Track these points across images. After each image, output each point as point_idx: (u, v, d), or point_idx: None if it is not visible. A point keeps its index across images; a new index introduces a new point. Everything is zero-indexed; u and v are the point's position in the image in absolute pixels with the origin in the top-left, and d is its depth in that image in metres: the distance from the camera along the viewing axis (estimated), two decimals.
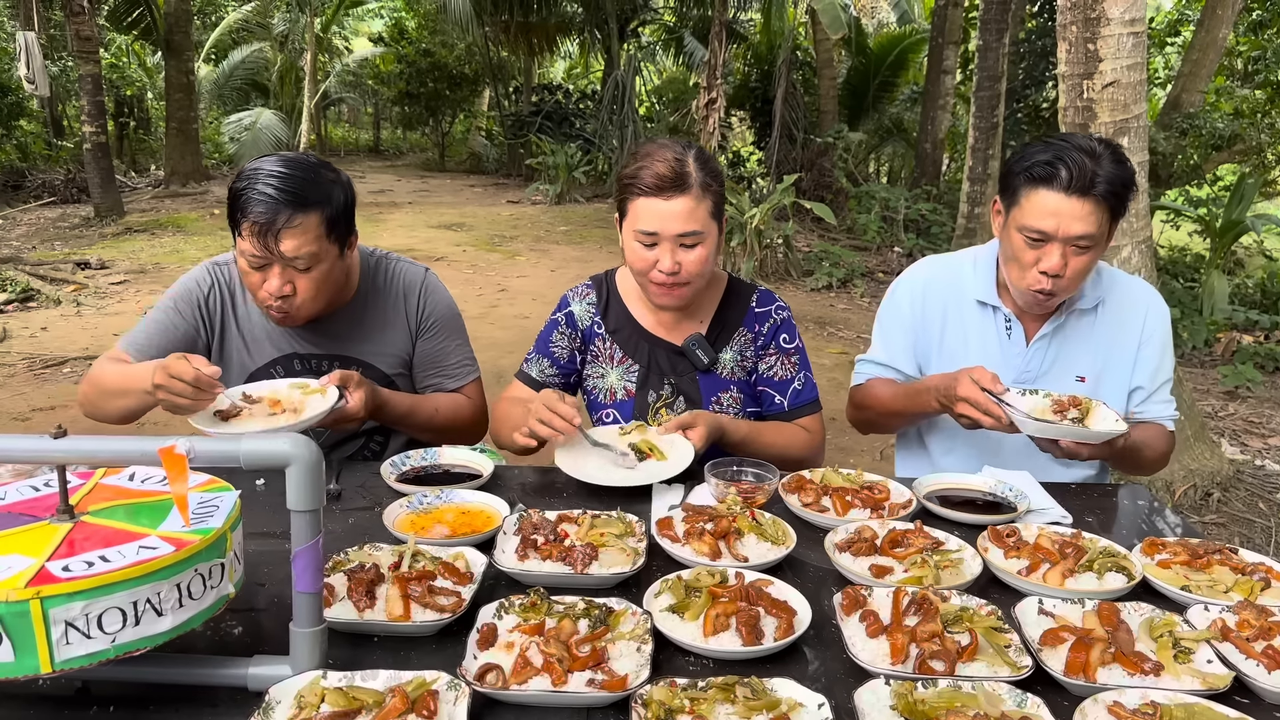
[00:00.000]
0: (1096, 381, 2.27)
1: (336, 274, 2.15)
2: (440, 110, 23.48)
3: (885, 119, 17.19)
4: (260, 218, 1.97)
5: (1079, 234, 2.01)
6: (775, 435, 2.22)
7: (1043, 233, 2.03)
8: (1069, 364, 2.28)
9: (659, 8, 20.12)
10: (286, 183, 1.99)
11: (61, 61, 17.10)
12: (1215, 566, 1.61)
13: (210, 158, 18.99)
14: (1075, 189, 1.98)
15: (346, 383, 2.04)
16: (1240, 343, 7.65)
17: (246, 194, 1.99)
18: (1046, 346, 2.27)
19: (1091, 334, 2.28)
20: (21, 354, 6.73)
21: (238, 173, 2.07)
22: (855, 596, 1.45)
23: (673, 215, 2.02)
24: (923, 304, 2.36)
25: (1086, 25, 4.24)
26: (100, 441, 1.18)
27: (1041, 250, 2.06)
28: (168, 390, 1.86)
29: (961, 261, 2.40)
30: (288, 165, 2.03)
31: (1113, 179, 1.98)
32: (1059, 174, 1.99)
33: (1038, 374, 2.27)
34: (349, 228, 2.14)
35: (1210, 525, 4.45)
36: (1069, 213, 2.00)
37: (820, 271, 10.29)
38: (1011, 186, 2.10)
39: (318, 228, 2.03)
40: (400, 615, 1.38)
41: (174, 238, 11.85)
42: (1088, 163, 1.98)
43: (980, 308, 2.32)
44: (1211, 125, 10.60)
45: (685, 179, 2.02)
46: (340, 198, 2.09)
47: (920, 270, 2.44)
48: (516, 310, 8.38)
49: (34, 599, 1.04)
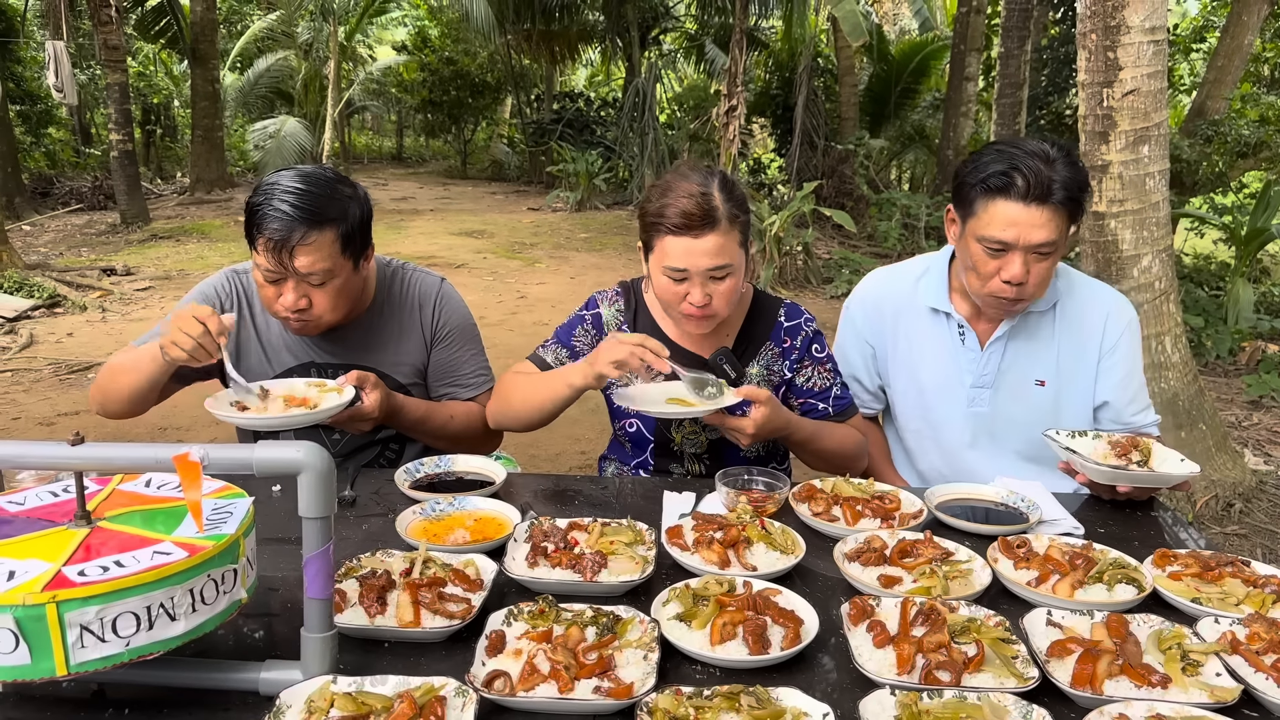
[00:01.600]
0: (1057, 388, 2.27)
1: (352, 286, 2.17)
2: (462, 118, 23.62)
3: (907, 126, 17.13)
4: (275, 234, 1.99)
5: (1039, 242, 2.01)
6: (833, 433, 2.24)
7: (1003, 243, 2.03)
8: (1027, 367, 2.28)
9: (680, 16, 20.17)
10: (302, 199, 2.01)
11: (90, 70, 17.35)
12: (1227, 579, 1.60)
13: (235, 165, 19.17)
14: (1033, 197, 1.97)
15: (363, 383, 2.08)
16: (1265, 352, 7.56)
17: (263, 209, 2.01)
18: (1002, 349, 2.27)
19: (1050, 336, 2.27)
20: (48, 359, 6.82)
21: (255, 186, 2.09)
22: (863, 606, 1.45)
23: (703, 252, 2.00)
24: (877, 316, 2.38)
25: (1106, 33, 4.22)
26: (117, 448, 1.20)
27: (1002, 260, 2.06)
28: (177, 327, 1.91)
29: (910, 270, 2.41)
30: (304, 181, 2.05)
31: (1069, 184, 1.98)
32: (1015, 183, 1.98)
33: (995, 378, 2.27)
34: (365, 241, 2.16)
35: (1232, 536, 4.40)
36: (1028, 221, 1.99)
37: (840, 279, 10.26)
38: (966, 197, 2.09)
39: (332, 244, 2.05)
40: (410, 621, 1.39)
41: (198, 244, 11.99)
42: (1043, 169, 1.97)
43: (933, 315, 2.33)
44: (1237, 132, 10.49)
45: (713, 214, 1.99)
46: (356, 213, 2.10)
47: (869, 284, 2.46)
48: (535, 317, 8.41)
49: (50, 603, 1.07)
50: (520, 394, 2.18)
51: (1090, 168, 4.31)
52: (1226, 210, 10.30)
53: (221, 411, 1.94)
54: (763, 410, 2.00)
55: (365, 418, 2.10)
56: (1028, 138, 2.07)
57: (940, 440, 2.38)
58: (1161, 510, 2.07)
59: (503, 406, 2.24)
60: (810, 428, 2.20)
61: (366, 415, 2.09)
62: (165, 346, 1.95)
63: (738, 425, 2.03)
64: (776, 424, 2.06)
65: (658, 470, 2.34)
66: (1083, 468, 1.93)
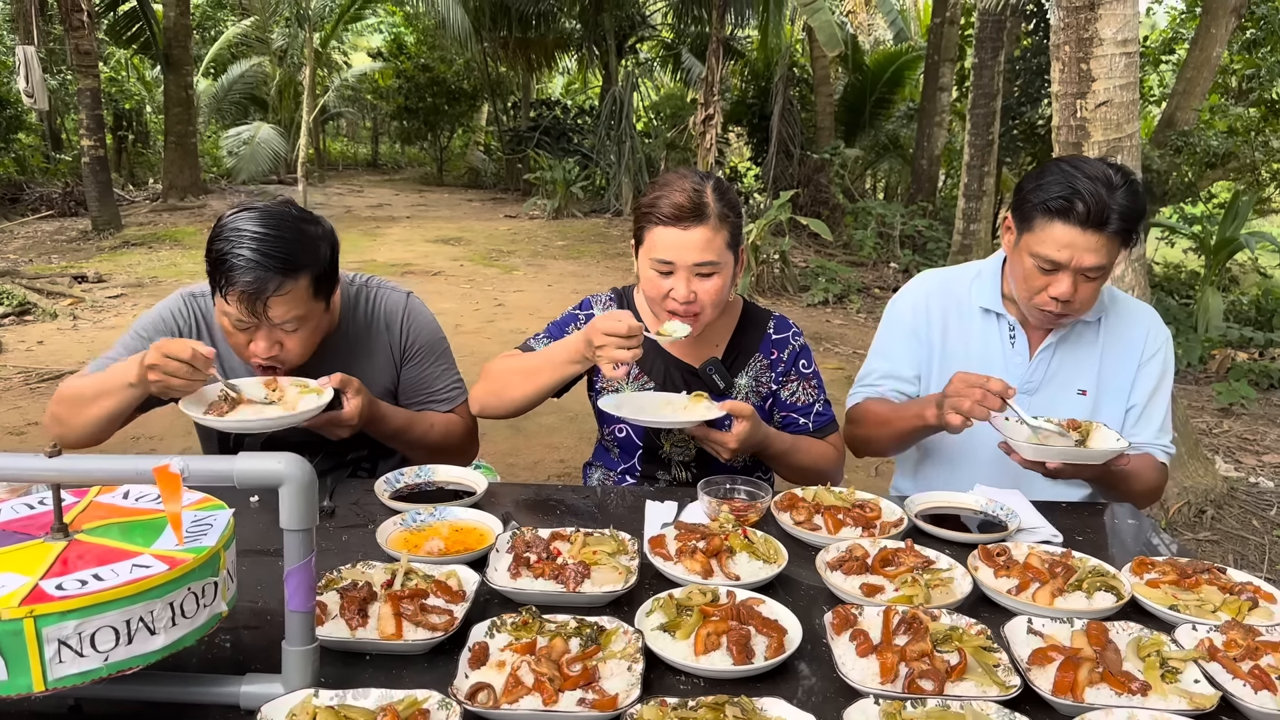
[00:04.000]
0: (1096, 397, 2.29)
1: (324, 325, 2.13)
2: (438, 125, 23.54)
3: (881, 135, 17.26)
4: (248, 287, 1.90)
5: (1090, 265, 2.04)
6: (810, 449, 2.27)
7: (1055, 263, 2.06)
8: (1071, 377, 2.30)
9: (657, 24, 20.22)
10: (274, 247, 1.91)
11: (60, 75, 17.15)
12: (1204, 586, 1.62)
13: (209, 172, 19.02)
14: (1091, 224, 2.00)
15: (345, 387, 2.03)
16: (1235, 360, 7.67)
17: (230, 260, 1.90)
18: (1050, 357, 2.29)
19: (1094, 347, 2.30)
20: (17, 367, 6.73)
21: (216, 228, 1.97)
22: (846, 615, 1.46)
23: (689, 245, 2.04)
24: (926, 312, 2.38)
25: (1079, 45, 4.27)
26: (95, 460, 1.19)
27: (1052, 277, 2.09)
28: (161, 370, 1.84)
29: (963, 273, 2.43)
30: (271, 226, 1.94)
31: (1126, 213, 2.00)
32: (1075, 208, 2.00)
33: (1040, 385, 2.29)
34: (334, 278, 2.10)
35: (1204, 543, 4.45)
36: (1082, 245, 2.02)
37: (817, 287, 10.32)
38: (1026, 212, 2.11)
39: (306, 290, 1.98)
40: (392, 634, 1.38)
41: (171, 251, 11.87)
42: (1103, 195, 1.98)
43: (984, 315, 2.34)
44: (1206, 143, 10.63)
45: (703, 209, 2.03)
46: (326, 254, 2.03)
47: (921, 282, 2.47)
48: (513, 325, 8.39)
49: (27, 618, 1.05)
50: (512, 376, 2.16)
51: None
52: (1196, 220, 10.45)
53: (195, 414, 1.90)
54: (744, 425, 2.02)
55: (343, 424, 2.05)
56: (1093, 160, 2.08)
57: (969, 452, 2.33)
58: (1135, 517, 2.09)
59: (494, 388, 2.21)
60: (787, 441, 2.21)
61: (345, 421, 2.04)
62: (156, 384, 1.88)
63: (720, 440, 2.04)
64: (756, 439, 2.09)
65: (644, 476, 2.35)
66: (1015, 446, 1.95)
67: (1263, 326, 8.85)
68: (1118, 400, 2.30)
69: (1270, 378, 7.39)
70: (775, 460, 2.27)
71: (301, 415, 1.92)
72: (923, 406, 2.11)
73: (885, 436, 2.30)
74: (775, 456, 2.23)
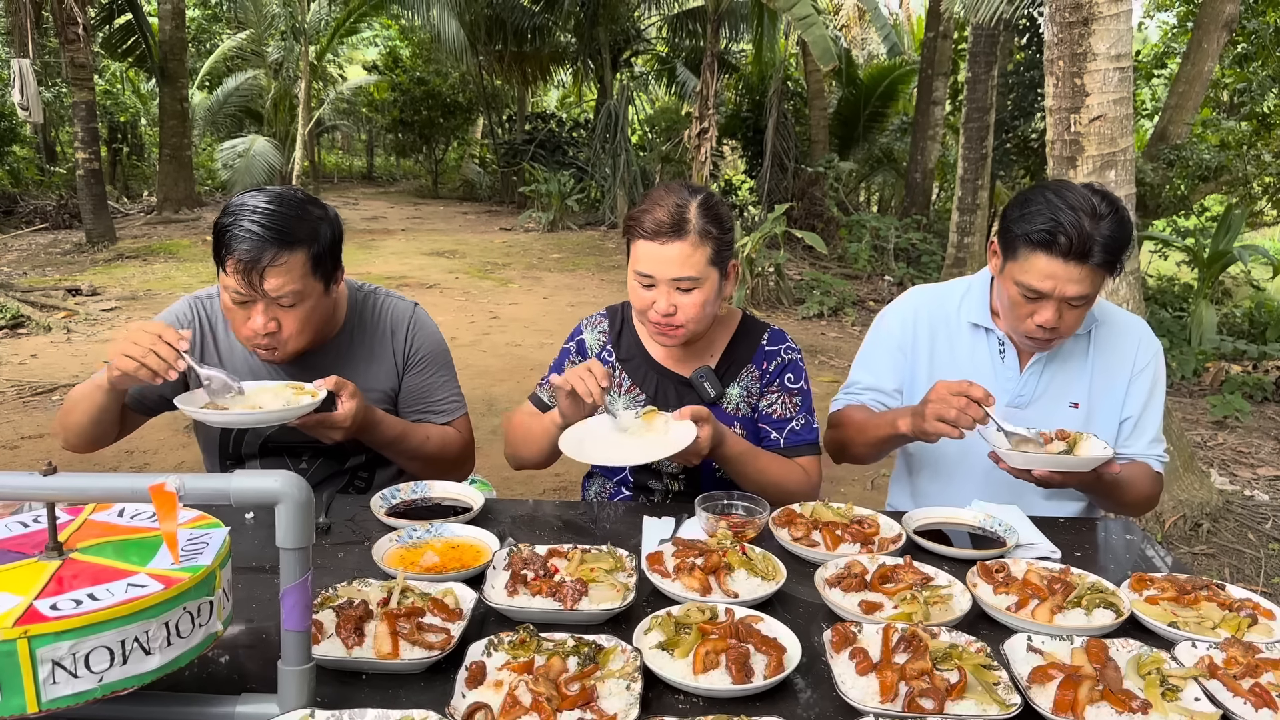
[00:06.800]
0: (1089, 409, 2.29)
1: (322, 309, 2.14)
2: (434, 138, 23.60)
3: (875, 149, 17.33)
4: (245, 255, 1.96)
5: (1074, 295, 2.04)
6: (770, 464, 2.18)
7: (1039, 292, 2.06)
8: (1062, 390, 2.30)
9: (652, 38, 20.30)
10: (272, 219, 1.98)
11: (55, 88, 17.16)
12: (1203, 602, 1.62)
13: (203, 184, 19.03)
14: (1074, 256, 1.99)
15: (340, 390, 2.03)
16: (1228, 372, 7.69)
17: (231, 230, 1.98)
18: (1040, 371, 2.29)
19: (1084, 360, 2.30)
20: (11, 381, 6.70)
21: (224, 207, 2.05)
22: (845, 633, 1.45)
23: (668, 260, 2.05)
24: (913, 327, 2.38)
25: (1073, 60, 4.30)
26: (91, 478, 1.18)
27: (1036, 305, 2.09)
28: (130, 341, 1.86)
29: (954, 289, 2.43)
30: (274, 201, 2.02)
31: (1110, 244, 1.99)
32: (1058, 241, 1.99)
33: (1031, 399, 2.29)
34: (335, 264, 2.13)
35: (1200, 556, 4.45)
36: (1065, 276, 2.02)
37: (811, 300, 10.34)
38: (1009, 241, 2.11)
39: (303, 265, 2.02)
40: (389, 653, 1.37)
41: (166, 264, 11.85)
42: (1086, 226, 1.97)
43: (973, 330, 2.34)
44: (1198, 157, 10.70)
45: (683, 225, 2.04)
46: (327, 234, 2.08)
47: (911, 297, 2.47)
48: (508, 338, 8.38)
49: (21, 638, 1.04)
50: (523, 440, 2.27)
51: None
52: (1189, 233, 10.51)
53: (191, 409, 1.91)
54: (707, 429, 1.98)
55: (336, 426, 2.04)
56: (1078, 187, 2.06)
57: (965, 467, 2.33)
58: (1131, 531, 2.09)
59: (514, 451, 2.32)
60: (741, 446, 2.13)
61: (337, 423, 2.03)
62: (113, 359, 1.89)
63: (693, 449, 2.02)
64: (717, 438, 2.03)
65: (637, 486, 2.35)
66: (1003, 455, 1.96)
67: (1256, 339, 8.88)
68: (1111, 412, 2.30)
69: (1264, 390, 7.41)
70: (726, 462, 2.14)
71: (294, 411, 1.93)
72: (897, 416, 2.14)
73: (860, 442, 2.32)
74: (727, 458, 2.11)
